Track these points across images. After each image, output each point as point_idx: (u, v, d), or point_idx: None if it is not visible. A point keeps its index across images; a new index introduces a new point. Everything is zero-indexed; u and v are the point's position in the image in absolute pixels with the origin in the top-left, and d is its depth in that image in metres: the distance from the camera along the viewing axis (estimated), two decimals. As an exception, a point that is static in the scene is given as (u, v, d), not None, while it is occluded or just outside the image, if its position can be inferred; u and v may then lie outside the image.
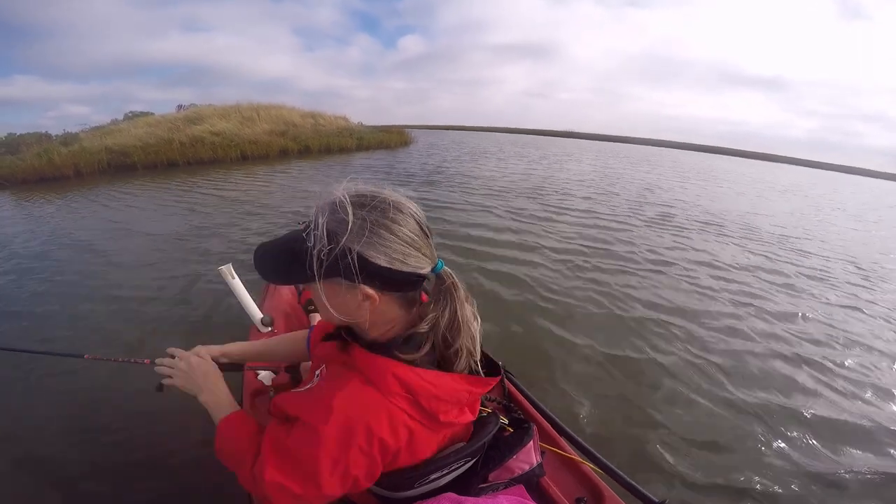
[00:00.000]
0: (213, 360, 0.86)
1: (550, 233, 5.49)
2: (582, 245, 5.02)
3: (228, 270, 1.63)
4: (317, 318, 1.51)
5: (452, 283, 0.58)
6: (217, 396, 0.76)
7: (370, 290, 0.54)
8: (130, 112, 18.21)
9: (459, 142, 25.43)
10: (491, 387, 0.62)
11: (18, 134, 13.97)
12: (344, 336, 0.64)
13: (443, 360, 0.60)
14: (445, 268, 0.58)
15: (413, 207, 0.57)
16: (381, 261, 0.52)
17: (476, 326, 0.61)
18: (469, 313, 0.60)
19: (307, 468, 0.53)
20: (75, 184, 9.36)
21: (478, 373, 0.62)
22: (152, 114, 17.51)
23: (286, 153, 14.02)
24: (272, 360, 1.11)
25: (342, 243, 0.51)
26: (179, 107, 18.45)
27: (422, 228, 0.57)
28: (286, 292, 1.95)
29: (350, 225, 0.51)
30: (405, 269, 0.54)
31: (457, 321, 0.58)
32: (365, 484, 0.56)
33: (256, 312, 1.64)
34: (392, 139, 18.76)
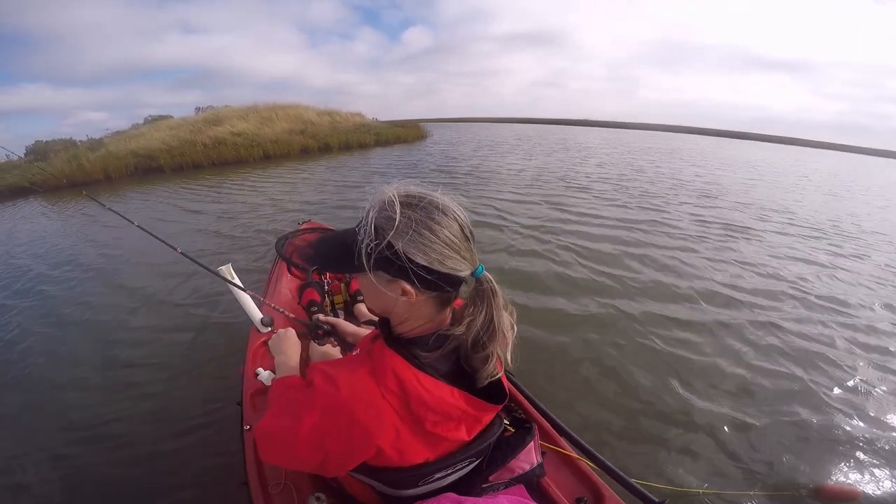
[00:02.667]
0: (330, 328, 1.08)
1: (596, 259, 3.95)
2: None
3: (228, 271, 1.57)
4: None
5: (491, 288, 0.58)
6: (286, 361, 0.91)
7: (408, 286, 0.56)
8: (150, 116, 18.38)
9: (475, 135, 24.69)
10: (490, 413, 0.63)
11: (45, 141, 14.14)
12: (378, 326, 0.67)
13: (468, 363, 0.61)
14: (486, 273, 0.59)
15: (458, 211, 0.58)
16: (421, 259, 0.53)
17: (511, 335, 0.61)
18: (506, 321, 0.60)
19: (292, 423, 0.58)
20: (106, 187, 9.41)
21: (497, 385, 0.64)
22: (172, 117, 17.65)
23: (307, 151, 13.98)
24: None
25: (387, 239, 0.53)
26: (198, 109, 18.55)
27: (464, 232, 0.57)
28: (286, 293, 1.92)
29: (396, 223, 0.53)
30: (442, 269, 0.55)
31: (492, 326, 0.58)
32: (334, 464, 0.58)
33: (256, 313, 1.63)
34: (409, 134, 18.58)
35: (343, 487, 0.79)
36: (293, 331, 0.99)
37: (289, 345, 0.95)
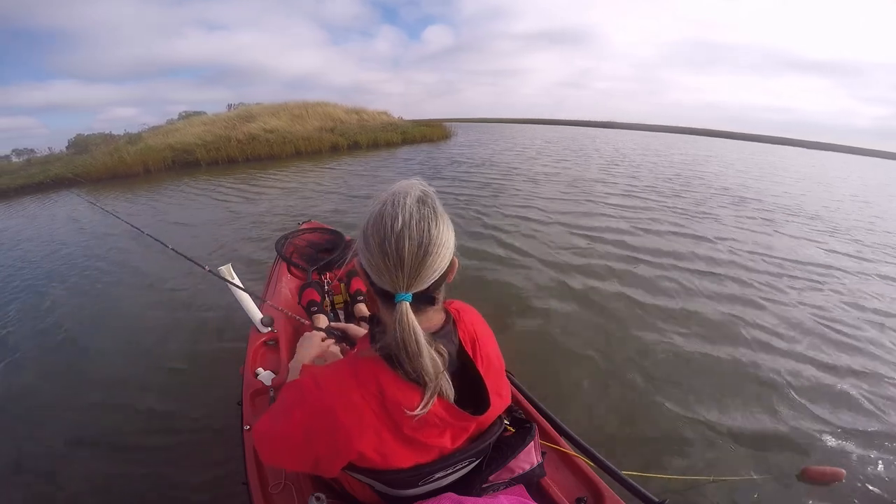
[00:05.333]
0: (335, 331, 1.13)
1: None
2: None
3: (228, 270, 1.57)
4: (319, 319, 1.53)
5: (405, 318, 0.54)
6: (298, 361, 0.94)
7: (371, 289, 0.60)
8: (184, 112, 18.89)
9: (499, 136, 24.10)
10: (469, 423, 0.62)
11: (86, 135, 14.62)
12: (368, 326, 0.69)
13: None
14: (404, 303, 0.54)
15: (414, 234, 0.53)
16: (365, 265, 0.57)
17: (441, 362, 0.57)
18: (426, 351, 0.54)
19: (283, 425, 0.60)
20: (144, 181, 9.60)
21: (484, 394, 0.63)
22: (205, 113, 18.06)
23: (337, 148, 14.09)
24: None
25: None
26: (229, 106, 18.95)
27: (399, 254, 0.53)
28: (286, 292, 1.91)
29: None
30: (378, 282, 0.56)
31: (410, 350, 0.54)
32: (325, 464, 0.58)
33: (256, 313, 1.63)
34: (434, 133, 18.53)
35: (343, 487, 0.78)
36: (319, 334, 1.02)
37: (308, 346, 0.97)
